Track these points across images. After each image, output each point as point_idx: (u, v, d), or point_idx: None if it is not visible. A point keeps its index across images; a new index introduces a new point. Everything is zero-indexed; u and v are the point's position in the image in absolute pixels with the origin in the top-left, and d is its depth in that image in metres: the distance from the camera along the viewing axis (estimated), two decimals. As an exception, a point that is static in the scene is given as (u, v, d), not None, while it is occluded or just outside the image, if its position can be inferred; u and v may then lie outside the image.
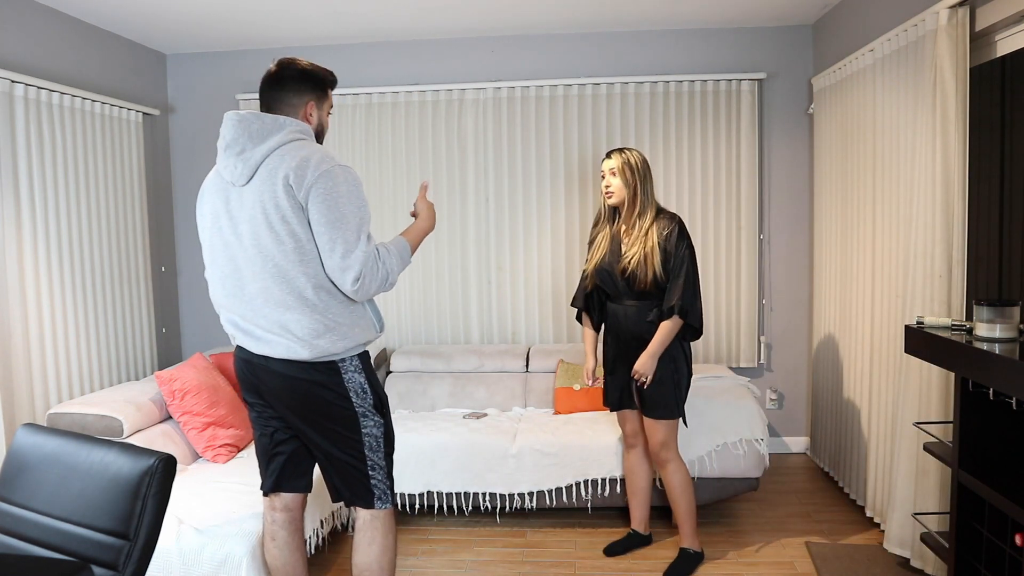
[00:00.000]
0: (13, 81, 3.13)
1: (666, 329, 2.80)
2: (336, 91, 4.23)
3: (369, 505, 2.18)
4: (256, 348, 2.08)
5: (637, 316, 2.87)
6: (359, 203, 2.02)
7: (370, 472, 2.16)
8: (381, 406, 2.18)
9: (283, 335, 2.03)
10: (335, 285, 2.03)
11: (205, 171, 4.42)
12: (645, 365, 2.81)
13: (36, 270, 3.28)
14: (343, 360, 2.09)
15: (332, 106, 2.26)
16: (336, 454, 2.15)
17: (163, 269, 4.40)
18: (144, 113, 4.11)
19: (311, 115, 2.16)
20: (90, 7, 3.52)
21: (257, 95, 4.15)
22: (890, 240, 3.10)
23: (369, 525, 2.19)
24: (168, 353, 4.43)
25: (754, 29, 4.20)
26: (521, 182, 4.28)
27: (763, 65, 4.20)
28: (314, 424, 2.12)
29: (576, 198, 4.27)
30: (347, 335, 2.06)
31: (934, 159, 2.70)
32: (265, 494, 2.29)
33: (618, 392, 2.99)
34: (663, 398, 2.85)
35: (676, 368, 2.87)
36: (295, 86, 2.14)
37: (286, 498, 2.28)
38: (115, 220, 3.83)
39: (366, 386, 2.13)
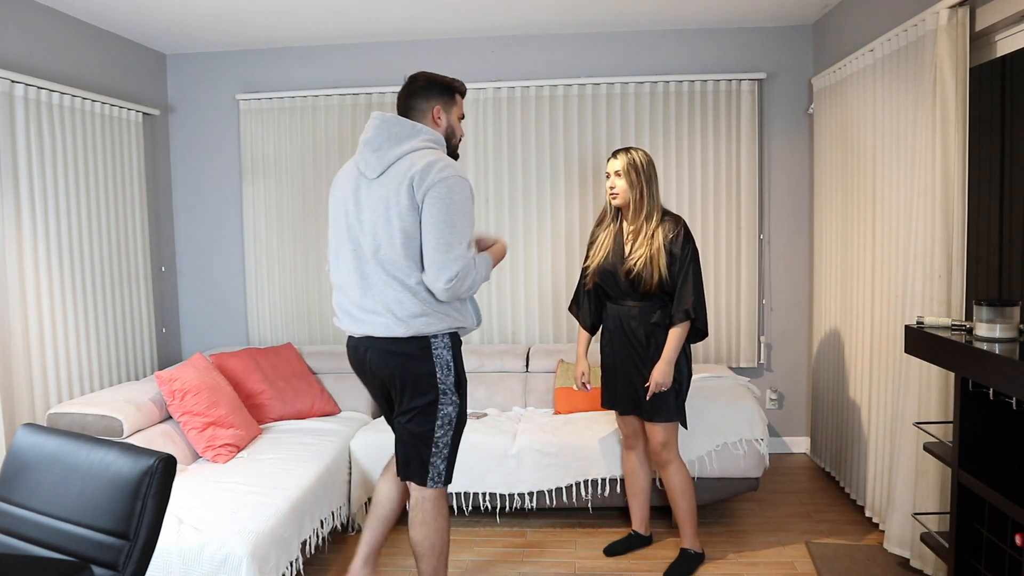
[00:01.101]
0: (13, 81, 3.13)
1: (677, 334, 2.80)
2: (336, 91, 4.28)
3: (422, 483, 2.37)
4: (359, 330, 2.34)
5: (641, 317, 2.86)
6: (467, 213, 2.23)
7: (433, 449, 2.35)
8: (459, 386, 2.38)
9: (385, 315, 2.27)
10: (426, 282, 2.23)
11: (205, 171, 4.48)
12: (664, 374, 2.79)
13: (36, 270, 3.28)
14: (435, 336, 2.31)
15: (463, 114, 2.48)
16: (412, 427, 2.35)
17: (163, 269, 4.40)
18: (144, 113, 4.11)
19: (439, 118, 2.39)
20: (90, 7, 3.52)
21: (258, 95, 4.31)
22: (890, 240, 3.10)
23: (420, 505, 2.39)
24: (168, 353, 4.43)
25: (754, 29, 4.20)
26: (521, 182, 4.28)
27: (763, 65, 4.20)
28: (402, 395, 2.35)
29: (576, 198, 4.27)
30: (442, 319, 2.30)
31: (934, 159, 2.70)
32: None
33: (618, 395, 2.98)
34: (664, 402, 2.85)
35: (678, 371, 2.86)
36: (423, 92, 2.37)
37: None
38: (115, 220, 3.83)
39: (451, 364, 2.34)
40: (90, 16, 3.66)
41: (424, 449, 2.35)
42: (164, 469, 1.70)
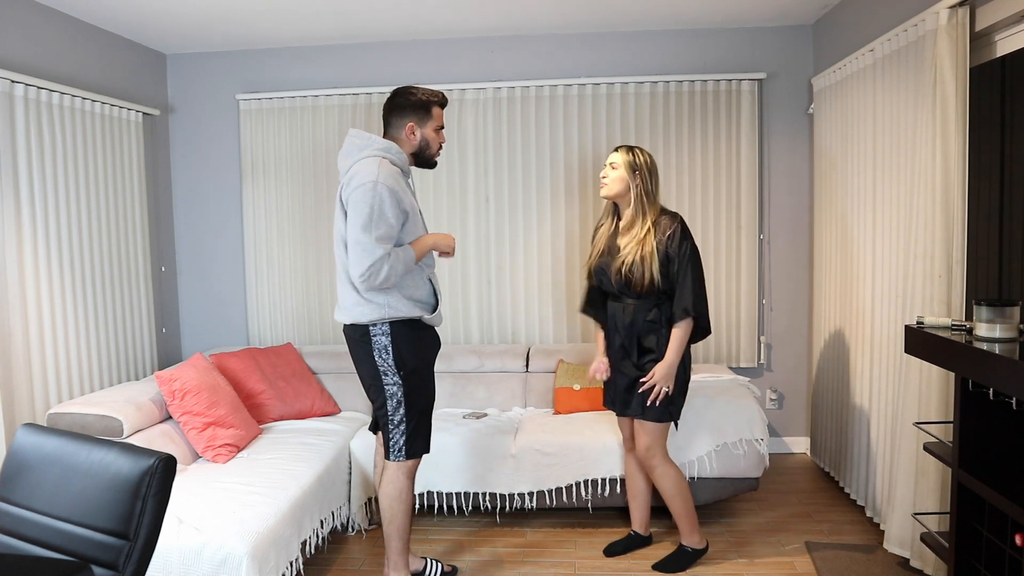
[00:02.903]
0: (13, 81, 3.12)
1: (679, 334, 2.77)
2: (337, 91, 4.28)
3: (386, 456, 2.69)
4: (334, 314, 2.73)
5: (634, 314, 2.86)
6: (379, 215, 2.46)
7: (391, 425, 2.65)
8: (402, 368, 2.61)
9: (339, 303, 2.66)
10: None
11: (205, 171, 4.48)
12: (665, 376, 2.77)
13: (36, 270, 3.28)
14: (374, 324, 2.60)
15: (441, 124, 2.70)
16: (374, 404, 2.71)
17: (163, 269, 4.40)
18: (144, 113, 4.11)
19: (413, 135, 2.66)
20: (90, 7, 3.52)
21: (258, 95, 4.34)
22: (890, 240, 3.10)
23: (385, 472, 2.72)
24: (168, 353, 4.43)
25: (754, 29, 4.20)
26: (521, 182, 4.28)
27: (763, 65, 4.20)
28: (361, 374, 2.72)
29: (576, 198, 4.26)
30: (376, 309, 2.57)
31: (934, 159, 2.70)
32: (371, 431, 2.93)
33: (615, 395, 2.96)
34: (654, 401, 2.83)
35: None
36: (398, 111, 2.65)
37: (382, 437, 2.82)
38: (115, 220, 3.83)
39: (390, 348, 2.60)
40: (90, 16, 3.66)
41: (385, 424, 2.66)
42: (164, 469, 1.70)
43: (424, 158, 2.71)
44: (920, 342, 2.40)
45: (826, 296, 3.90)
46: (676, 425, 2.94)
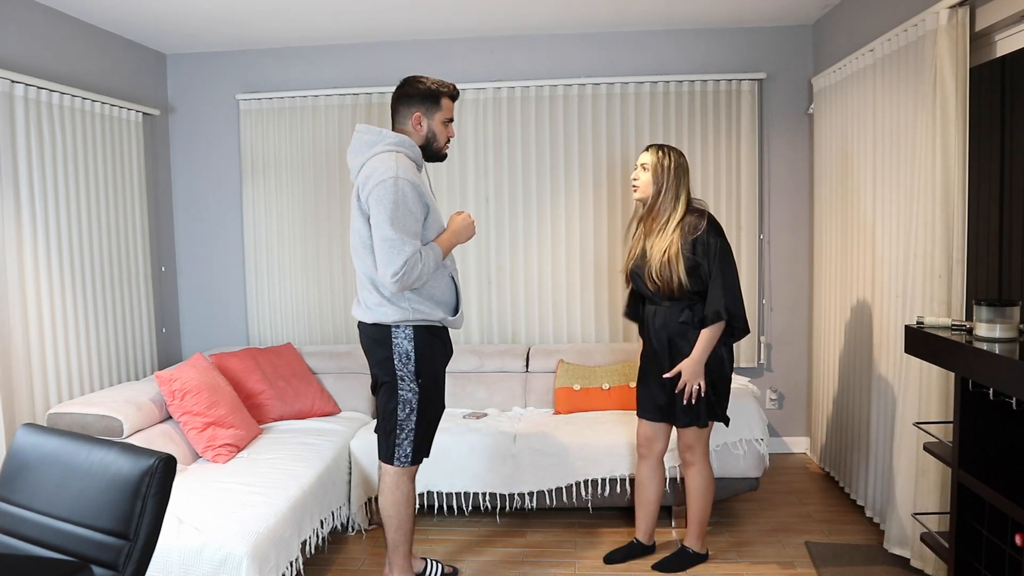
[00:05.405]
0: (13, 81, 3.12)
1: (708, 335, 2.72)
2: (336, 91, 4.28)
3: (388, 461, 2.64)
4: (353, 311, 2.68)
5: (667, 317, 2.81)
6: (404, 211, 2.40)
7: (397, 431, 2.59)
8: (421, 376, 2.57)
9: (360, 301, 2.61)
10: (378, 277, 2.47)
11: (205, 171, 4.48)
12: (692, 373, 2.73)
13: (36, 270, 3.28)
14: (397, 326, 2.55)
15: (450, 116, 2.64)
16: (380, 405, 2.65)
17: (163, 269, 4.40)
18: (144, 113, 4.10)
19: (419, 125, 2.59)
20: (90, 7, 3.52)
21: (258, 95, 4.31)
22: (890, 240, 3.10)
23: (383, 478, 2.67)
24: (168, 353, 4.43)
25: (754, 29, 4.20)
26: (521, 182, 4.28)
27: (763, 65, 4.20)
28: (375, 374, 2.66)
29: (576, 198, 4.26)
30: (400, 311, 2.52)
31: (934, 159, 2.70)
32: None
33: (652, 401, 2.90)
34: (691, 405, 2.79)
35: (713, 371, 2.78)
36: (406, 100, 2.59)
37: None
38: (115, 220, 3.83)
39: (412, 354, 2.55)
40: (90, 16, 3.66)
41: (389, 430, 2.60)
42: (164, 469, 1.70)
43: (431, 151, 2.63)
44: (920, 342, 2.40)
45: (826, 296, 3.89)
46: (725, 422, 2.89)
